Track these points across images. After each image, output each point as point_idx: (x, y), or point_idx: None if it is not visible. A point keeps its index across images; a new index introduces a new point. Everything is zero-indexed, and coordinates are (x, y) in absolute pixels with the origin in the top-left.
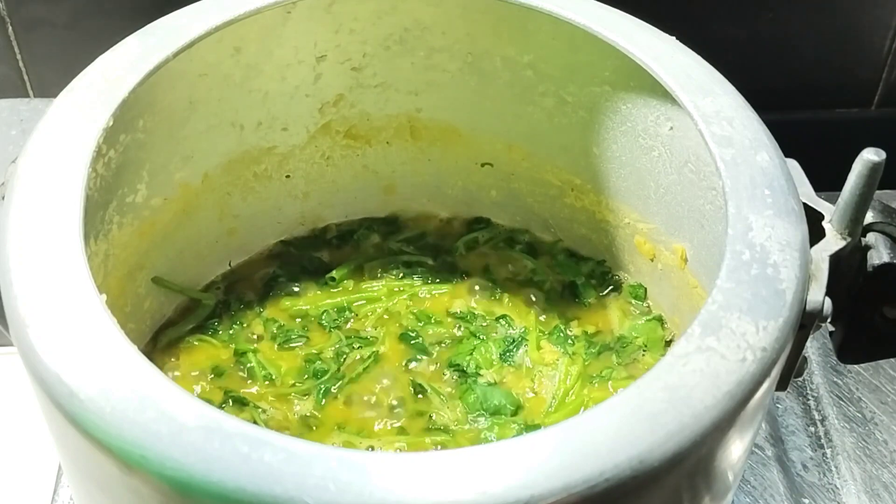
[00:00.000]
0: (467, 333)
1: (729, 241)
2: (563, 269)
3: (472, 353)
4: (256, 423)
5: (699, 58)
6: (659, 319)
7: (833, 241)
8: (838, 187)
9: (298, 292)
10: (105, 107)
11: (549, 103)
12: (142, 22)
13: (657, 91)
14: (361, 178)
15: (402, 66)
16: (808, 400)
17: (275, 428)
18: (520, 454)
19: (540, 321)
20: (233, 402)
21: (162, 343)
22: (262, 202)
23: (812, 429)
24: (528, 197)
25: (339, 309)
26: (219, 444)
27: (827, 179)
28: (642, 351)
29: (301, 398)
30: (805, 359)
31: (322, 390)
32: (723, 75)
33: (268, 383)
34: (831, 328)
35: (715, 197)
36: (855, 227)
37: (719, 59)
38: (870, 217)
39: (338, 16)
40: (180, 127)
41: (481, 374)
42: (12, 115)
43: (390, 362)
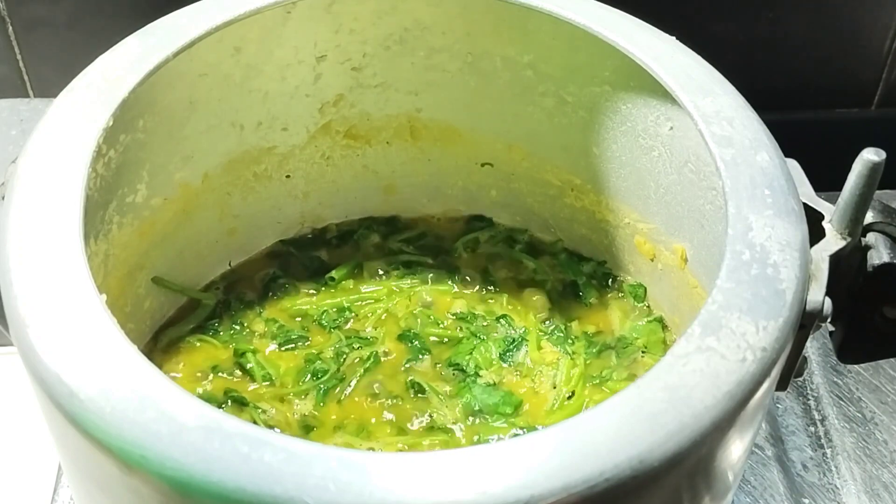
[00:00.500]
0: (467, 333)
1: (729, 241)
2: (563, 269)
3: (472, 353)
4: (256, 423)
5: (699, 58)
6: (659, 321)
7: (833, 241)
8: (838, 187)
9: (298, 292)
10: (105, 107)
11: (549, 103)
12: (142, 22)
13: (657, 91)
14: (361, 178)
15: (402, 66)
16: (808, 400)
17: (275, 428)
18: (520, 454)
19: (540, 321)
20: (233, 402)
21: (162, 343)
22: (262, 202)
23: (812, 429)
24: (528, 197)
25: (339, 309)
26: (219, 444)
27: (827, 179)
28: (642, 352)
29: (301, 398)
30: (805, 359)
31: (322, 390)
32: (723, 75)
33: (268, 383)
34: (831, 328)
35: (715, 197)
36: (855, 227)
37: (719, 59)
38: (870, 217)
39: (338, 16)
40: (180, 127)
41: (481, 374)
42: (12, 115)
43: (390, 362)
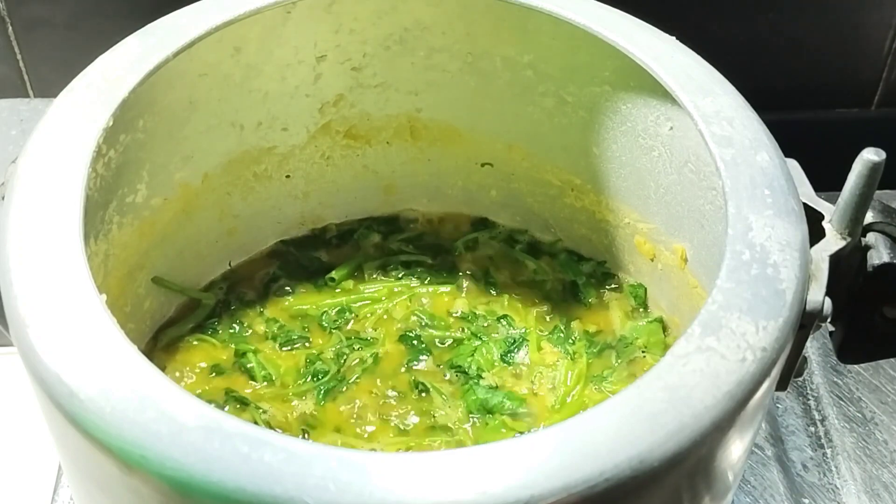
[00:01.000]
0: (468, 334)
1: (729, 241)
2: (563, 269)
3: (474, 355)
4: (256, 423)
5: (699, 58)
6: (659, 321)
7: (833, 241)
8: (838, 187)
9: (298, 292)
10: (105, 107)
11: (549, 103)
12: (142, 22)
13: (657, 91)
14: (361, 178)
15: (402, 66)
16: (808, 400)
17: (275, 428)
18: (520, 454)
19: (540, 321)
20: (233, 402)
21: (162, 343)
22: (262, 202)
23: (812, 429)
24: (528, 197)
25: (339, 310)
26: (219, 444)
27: (827, 179)
28: (642, 352)
29: (301, 398)
30: (805, 359)
31: (322, 391)
32: (723, 75)
33: (268, 383)
34: (831, 328)
35: (715, 197)
36: (855, 227)
37: (719, 59)
38: (870, 217)
39: (338, 16)
40: (180, 127)
41: (483, 376)
42: (12, 115)
43: (391, 363)
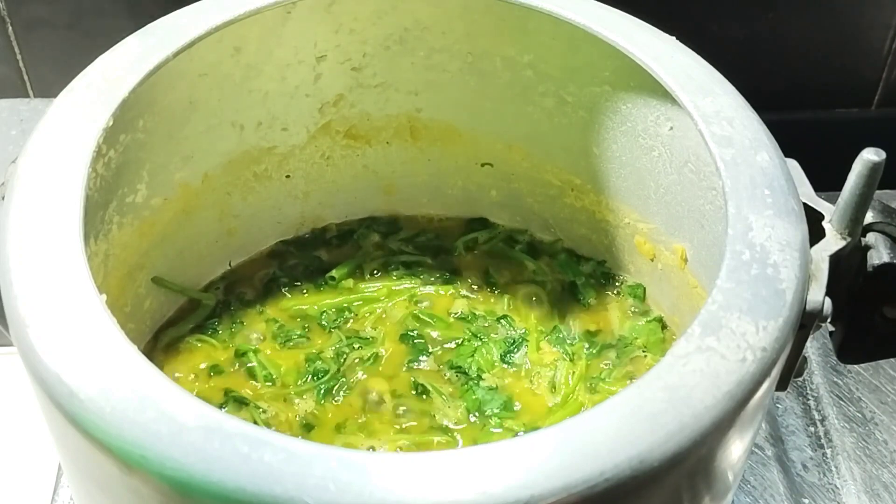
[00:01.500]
0: (468, 335)
1: (729, 241)
2: (563, 269)
3: (474, 356)
4: (256, 423)
5: (699, 58)
6: (659, 321)
7: (833, 241)
8: (838, 187)
9: (298, 292)
10: (105, 107)
11: (549, 103)
12: (142, 22)
13: (657, 91)
14: (361, 178)
15: (402, 66)
16: (808, 400)
17: (275, 428)
18: (520, 454)
19: (540, 321)
20: (233, 402)
21: (162, 343)
22: (262, 202)
23: (812, 429)
24: (528, 197)
25: (339, 309)
26: (219, 444)
27: (827, 179)
28: (642, 352)
29: (301, 398)
30: (805, 359)
31: (322, 390)
32: (723, 75)
33: (268, 383)
34: (831, 328)
35: (715, 197)
36: (855, 227)
37: (719, 59)
38: (870, 217)
39: (338, 16)
40: (180, 127)
41: (483, 377)
42: (12, 115)
43: (391, 363)
